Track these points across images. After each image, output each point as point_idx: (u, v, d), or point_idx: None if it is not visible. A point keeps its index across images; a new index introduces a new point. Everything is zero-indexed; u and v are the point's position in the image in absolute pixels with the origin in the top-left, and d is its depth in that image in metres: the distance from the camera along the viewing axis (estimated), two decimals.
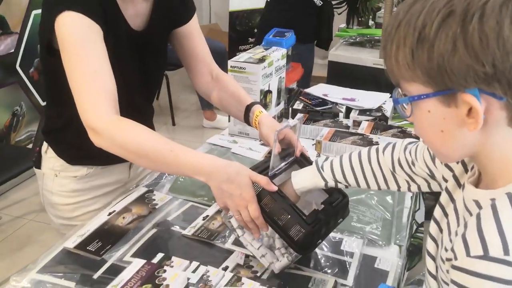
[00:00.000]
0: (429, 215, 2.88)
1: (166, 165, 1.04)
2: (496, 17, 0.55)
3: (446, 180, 0.82)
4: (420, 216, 2.08)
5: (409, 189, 0.98)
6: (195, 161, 1.01)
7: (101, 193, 1.35)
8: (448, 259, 0.63)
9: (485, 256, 0.56)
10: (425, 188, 0.95)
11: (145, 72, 1.28)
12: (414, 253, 1.91)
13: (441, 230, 0.79)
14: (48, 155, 1.30)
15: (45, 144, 1.31)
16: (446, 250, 0.68)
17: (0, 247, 2.51)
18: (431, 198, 2.79)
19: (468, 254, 0.58)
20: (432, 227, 0.82)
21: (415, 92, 0.63)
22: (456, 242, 0.60)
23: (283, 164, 1.07)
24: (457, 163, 0.78)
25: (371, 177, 1.00)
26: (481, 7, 0.55)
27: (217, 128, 3.60)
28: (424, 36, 0.58)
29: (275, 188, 0.97)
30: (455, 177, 0.79)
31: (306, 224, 0.92)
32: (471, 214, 0.68)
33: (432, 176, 0.90)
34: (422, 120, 0.66)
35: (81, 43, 1.03)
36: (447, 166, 0.82)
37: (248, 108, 1.27)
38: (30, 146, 3.04)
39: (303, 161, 1.10)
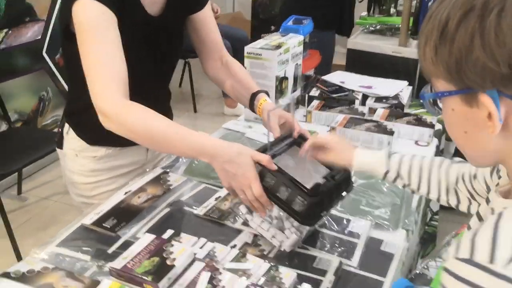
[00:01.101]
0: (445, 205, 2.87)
1: (172, 146, 1.09)
2: None
3: None
4: (435, 205, 2.08)
5: (468, 210, 0.94)
6: (199, 142, 1.05)
7: (119, 173, 1.40)
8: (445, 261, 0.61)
9: (469, 260, 0.54)
10: None
11: (160, 57, 1.31)
12: (428, 240, 1.92)
13: None
14: (70, 136, 1.35)
15: (66, 126, 1.37)
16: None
17: (26, 226, 2.61)
18: None
19: (456, 256, 0.56)
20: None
21: (441, 89, 0.62)
22: (453, 244, 0.59)
23: (282, 144, 1.11)
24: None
25: (435, 184, 0.98)
26: (501, 2, 0.54)
27: (238, 116, 3.63)
28: (447, 31, 0.57)
29: (275, 167, 1.01)
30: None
31: (308, 196, 0.96)
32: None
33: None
34: (447, 118, 0.65)
35: (95, 29, 1.08)
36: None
37: (254, 96, 1.31)
38: (56, 130, 3.14)
39: (302, 142, 1.13)
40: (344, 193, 1.08)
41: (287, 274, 0.89)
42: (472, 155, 0.66)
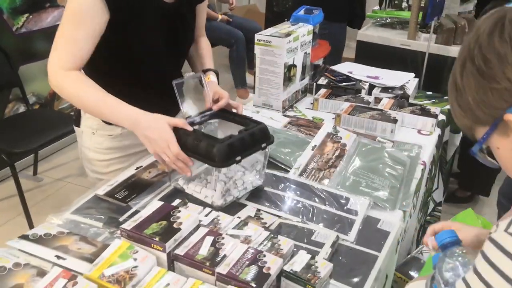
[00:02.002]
0: (452, 197, 2.90)
1: (103, 114, 1.24)
2: (491, 44, 0.65)
3: None
4: (438, 195, 2.13)
5: None
6: (123, 111, 1.19)
7: (132, 152, 1.47)
8: (490, 232, 0.66)
9: None
10: None
11: (174, 43, 1.38)
12: None
13: None
14: (87, 115, 1.43)
15: None
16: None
17: (41, 205, 2.71)
18: (455, 182, 2.82)
19: (506, 229, 0.61)
20: None
21: (480, 136, 0.71)
22: (504, 219, 0.64)
23: (201, 115, 1.29)
24: None
25: None
26: (476, 42, 0.67)
27: None
28: (458, 86, 0.70)
29: (190, 128, 1.17)
30: None
31: (217, 142, 1.11)
32: None
33: None
34: (500, 159, 0.72)
35: (79, 15, 1.19)
36: None
37: (204, 72, 1.45)
38: (72, 113, 3.23)
39: (226, 115, 1.30)
40: (263, 145, 1.20)
41: (285, 242, 0.95)
42: None
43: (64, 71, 1.20)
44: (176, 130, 1.17)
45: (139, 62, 1.32)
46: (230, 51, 3.98)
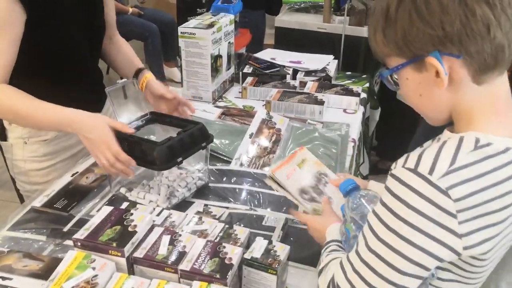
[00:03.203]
0: (374, 169, 3.08)
1: (39, 122, 1.19)
2: None
3: None
4: (364, 169, 2.26)
5: None
6: (60, 114, 1.15)
7: (70, 154, 1.40)
8: (390, 169, 0.74)
9: (414, 170, 0.67)
10: None
11: (90, 33, 1.34)
12: None
13: None
14: (13, 125, 1.33)
15: None
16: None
17: None
18: (374, 154, 3.00)
19: (403, 165, 0.69)
20: None
21: (394, 65, 0.75)
22: (402, 157, 0.72)
23: (139, 120, 1.27)
24: None
25: None
26: None
27: None
28: (390, 16, 0.71)
29: (131, 130, 1.16)
30: None
31: (157, 145, 1.11)
32: None
33: None
34: (404, 88, 0.77)
35: None
36: None
37: (138, 71, 1.41)
38: None
39: (163, 119, 1.30)
40: (203, 144, 1.21)
41: (241, 231, 0.96)
42: (429, 115, 0.79)
43: None
44: (115, 135, 1.13)
45: (59, 58, 1.26)
46: (145, 45, 3.89)
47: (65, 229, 1.11)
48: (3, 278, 0.95)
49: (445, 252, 0.68)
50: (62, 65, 1.28)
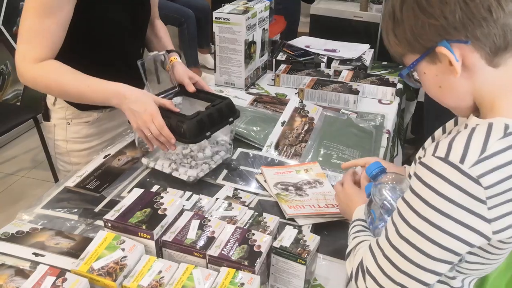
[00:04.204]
0: (407, 163, 3.03)
1: (86, 97, 1.20)
2: None
3: None
4: (398, 162, 2.20)
5: None
6: (109, 88, 1.18)
7: (111, 136, 1.43)
8: (419, 158, 0.75)
9: (444, 159, 0.68)
10: None
11: (135, 19, 1.34)
12: None
13: None
14: (57, 106, 1.36)
15: (50, 97, 1.37)
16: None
17: None
18: (409, 147, 2.93)
19: (433, 154, 0.69)
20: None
21: (410, 62, 0.78)
22: (431, 145, 0.72)
23: (168, 93, 1.32)
24: None
25: None
26: None
27: None
28: (396, 17, 0.75)
29: (177, 109, 1.19)
30: None
31: (187, 119, 1.15)
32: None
33: None
34: (424, 83, 0.79)
35: (49, 5, 1.12)
36: None
37: (167, 53, 1.41)
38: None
39: (191, 93, 1.32)
40: (231, 119, 1.24)
41: (271, 219, 0.95)
42: (453, 105, 0.80)
43: (36, 63, 1.15)
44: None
45: (103, 40, 1.27)
46: (180, 30, 3.88)
47: (96, 209, 1.12)
48: (36, 255, 0.97)
49: (476, 238, 0.69)
50: (106, 47, 1.29)
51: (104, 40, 1.26)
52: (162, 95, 1.27)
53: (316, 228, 1.08)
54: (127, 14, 1.29)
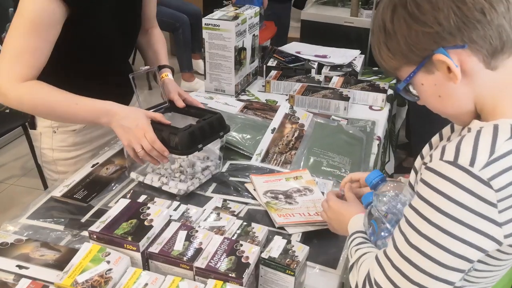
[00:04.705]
0: (399, 168, 3.03)
1: (74, 116, 1.19)
2: None
3: None
4: (390, 168, 2.20)
5: None
6: (97, 106, 1.16)
7: (98, 144, 1.41)
8: (425, 163, 0.73)
9: (453, 163, 0.66)
10: None
11: (124, 32, 1.32)
12: None
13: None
14: None
15: None
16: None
17: None
18: (402, 152, 2.93)
19: (441, 158, 0.68)
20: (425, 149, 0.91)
21: (406, 75, 0.76)
22: (436, 150, 0.71)
23: (158, 108, 1.30)
24: None
25: None
26: None
27: (195, 90, 3.64)
28: (388, 29, 0.74)
29: (168, 122, 1.18)
30: None
31: (179, 131, 1.15)
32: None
33: None
34: (422, 94, 0.77)
35: (35, 23, 1.09)
36: None
37: (159, 68, 1.39)
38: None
39: (181, 108, 1.31)
40: (221, 133, 1.24)
41: (259, 229, 0.94)
42: (453, 113, 0.78)
43: (20, 83, 1.12)
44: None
45: (91, 53, 1.25)
46: (175, 35, 3.87)
47: (83, 219, 1.11)
48: (20, 267, 0.95)
49: (488, 243, 0.68)
50: (93, 60, 1.27)
51: (91, 50, 1.24)
52: (153, 110, 1.25)
53: (306, 237, 1.07)
54: (117, 22, 1.27)
